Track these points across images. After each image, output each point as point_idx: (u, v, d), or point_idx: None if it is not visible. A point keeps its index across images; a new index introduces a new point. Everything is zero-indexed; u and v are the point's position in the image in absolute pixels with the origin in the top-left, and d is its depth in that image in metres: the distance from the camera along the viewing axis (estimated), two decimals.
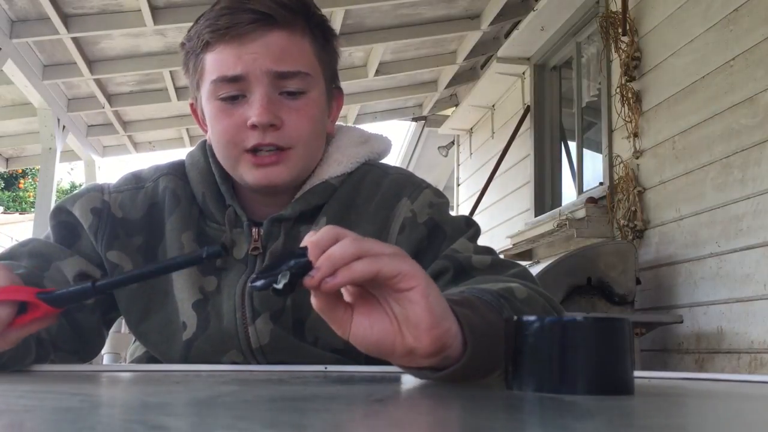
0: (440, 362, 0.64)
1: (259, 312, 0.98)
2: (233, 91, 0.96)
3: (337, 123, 1.13)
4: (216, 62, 0.96)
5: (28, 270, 0.95)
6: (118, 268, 1.02)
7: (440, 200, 1.05)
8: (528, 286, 0.86)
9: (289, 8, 0.97)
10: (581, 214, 3.64)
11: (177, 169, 1.08)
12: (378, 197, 1.04)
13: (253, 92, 0.95)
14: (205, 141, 1.09)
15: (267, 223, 1.01)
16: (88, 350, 1.04)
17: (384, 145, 1.13)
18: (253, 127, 0.95)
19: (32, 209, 14.46)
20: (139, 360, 1.12)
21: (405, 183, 1.06)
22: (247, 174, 0.98)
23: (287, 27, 0.97)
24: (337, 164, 1.05)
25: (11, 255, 1.00)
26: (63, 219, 1.04)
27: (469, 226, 1.03)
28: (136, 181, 1.08)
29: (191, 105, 1.09)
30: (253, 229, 1.02)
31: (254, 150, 0.97)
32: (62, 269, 0.99)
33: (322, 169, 1.05)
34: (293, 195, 1.03)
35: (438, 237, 1.00)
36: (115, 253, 1.02)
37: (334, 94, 1.08)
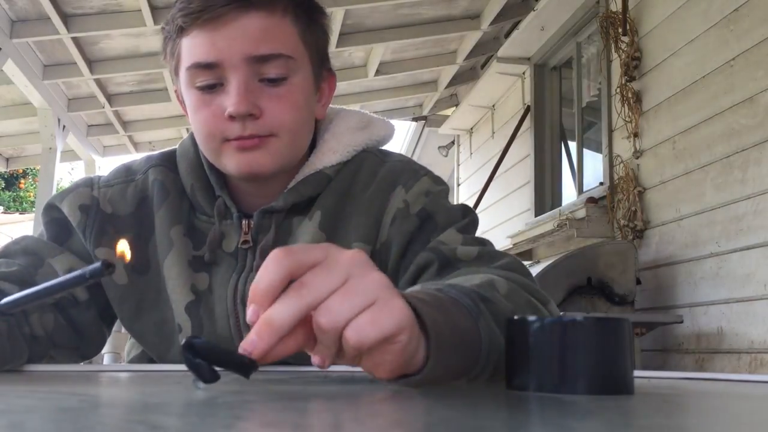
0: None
1: None
2: (209, 79, 0.92)
3: (337, 107, 1.08)
4: (191, 48, 0.92)
5: (22, 267, 0.94)
6: None
7: (439, 188, 1.01)
8: (511, 279, 0.81)
9: None
10: (581, 214, 3.64)
11: (168, 160, 1.05)
12: (373, 186, 1.00)
13: (230, 80, 0.90)
14: None
15: (258, 215, 0.98)
16: (88, 347, 1.02)
17: (385, 130, 1.08)
18: (231, 117, 0.91)
19: (32, 209, 14.45)
20: (136, 358, 1.11)
21: (402, 170, 1.01)
22: (230, 162, 0.94)
23: (265, 7, 0.91)
24: (333, 153, 1.01)
25: (5, 253, 0.99)
26: (54, 216, 1.03)
27: (465, 216, 0.99)
28: (126, 174, 1.05)
29: (176, 91, 1.04)
30: (243, 222, 0.98)
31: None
32: (54, 266, 0.98)
33: (316, 157, 1.00)
34: (285, 185, 0.99)
35: (428, 228, 0.96)
36: (104, 250, 0.99)
37: (324, 77, 1.02)
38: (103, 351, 2.03)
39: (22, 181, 18.35)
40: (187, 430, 0.36)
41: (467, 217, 0.99)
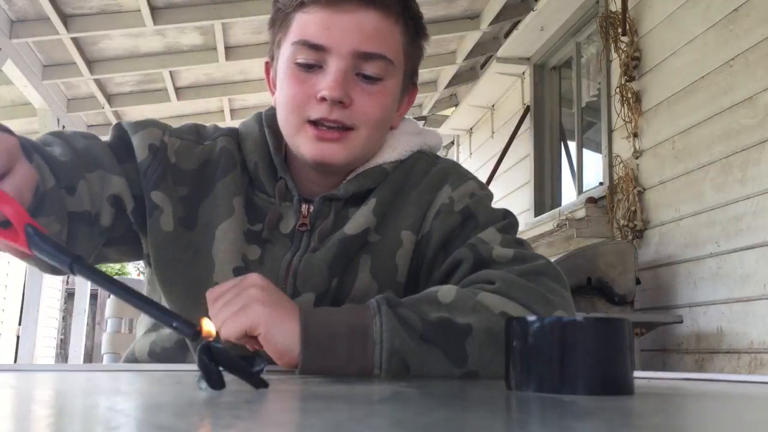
0: None
1: (300, 292, 0.97)
2: (312, 59, 0.96)
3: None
4: (305, 24, 0.96)
5: (72, 162, 0.92)
6: (158, 210, 1.00)
7: (483, 192, 1.07)
8: (492, 290, 0.87)
9: None
10: (581, 214, 3.64)
11: (234, 135, 1.08)
12: (424, 183, 1.05)
13: (330, 65, 0.95)
14: (261, 113, 1.09)
15: (318, 201, 1.02)
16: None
17: (437, 139, 1.15)
18: (323, 99, 0.95)
19: None
20: (143, 352, 1.10)
21: (451, 172, 1.07)
22: (305, 146, 0.98)
23: (383, 9, 0.96)
24: (392, 150, 1.06)
25: (69, 138, 0.97)
26: (124, 138, 1.03)
27: (504, 218, 1.03)
28: (197, 135, 1.08)
29: (266, 63, 1.08)
30: (303, 205, 1.02)
31: (316, 123, 0.96)
32: (103, 181, 0.96)
33: (377, 154, 1.06)
34: (344, 177, 1.04)
35: (470, 225, 1.01)
36: (159, 194, 1.00)
37: (409, 89, 1.09)
38: (103, 351, 2.03)
39: None
40: (187, 430, 0.36)
41: (506, 218, 1.04)
